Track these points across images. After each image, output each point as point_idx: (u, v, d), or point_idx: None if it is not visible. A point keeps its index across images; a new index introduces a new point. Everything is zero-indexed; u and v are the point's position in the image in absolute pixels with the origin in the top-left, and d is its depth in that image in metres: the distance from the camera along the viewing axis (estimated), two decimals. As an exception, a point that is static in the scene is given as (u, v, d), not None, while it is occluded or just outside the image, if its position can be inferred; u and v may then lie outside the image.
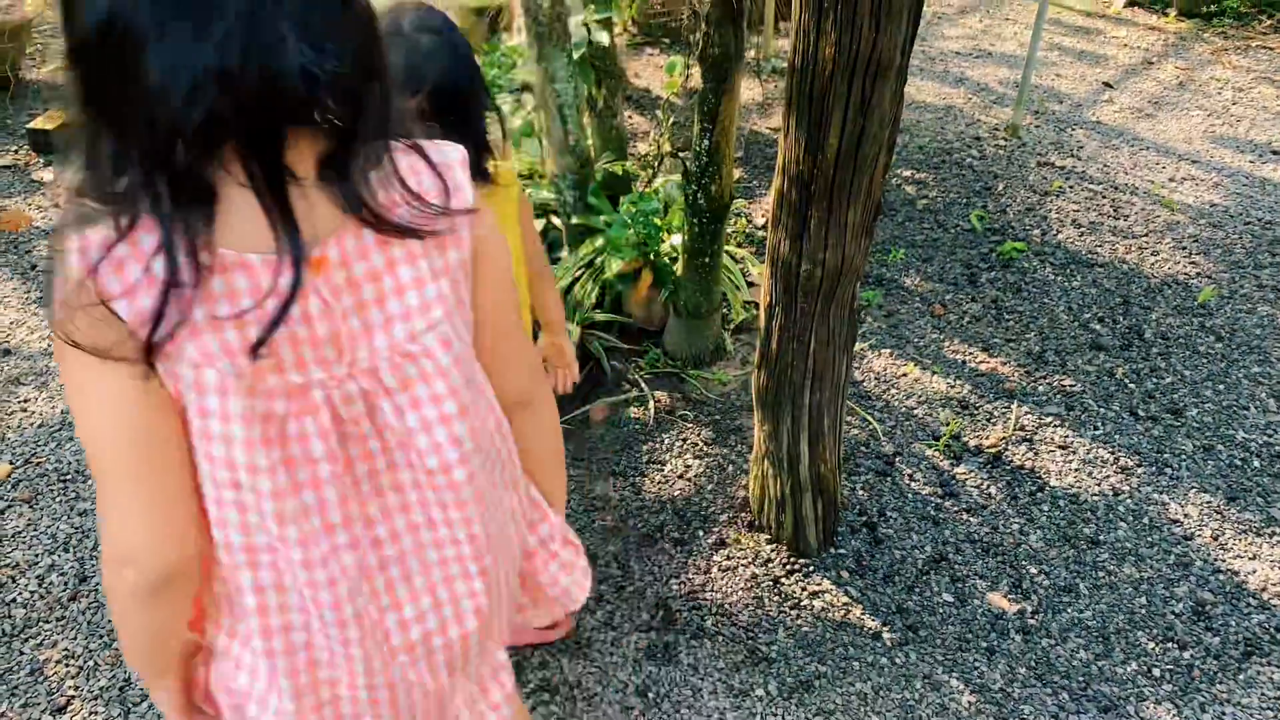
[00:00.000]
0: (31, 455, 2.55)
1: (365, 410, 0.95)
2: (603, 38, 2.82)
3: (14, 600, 2.17)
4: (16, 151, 3.92)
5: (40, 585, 2.21)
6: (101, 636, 2.10)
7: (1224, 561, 2.32)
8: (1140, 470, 2.57)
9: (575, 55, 2.82)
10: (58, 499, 2.42)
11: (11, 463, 2.53)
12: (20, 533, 2.33)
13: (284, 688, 1.03)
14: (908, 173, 3.98)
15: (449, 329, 0.96)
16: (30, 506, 2.40)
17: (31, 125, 3.90)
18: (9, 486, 2.47)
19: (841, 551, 2.32)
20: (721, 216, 2.62)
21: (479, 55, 4.73)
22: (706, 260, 2.69)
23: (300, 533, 0.95)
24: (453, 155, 0.97)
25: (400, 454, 0.99)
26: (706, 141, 2.46)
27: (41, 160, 3.86)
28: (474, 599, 1.08)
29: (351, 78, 0.82)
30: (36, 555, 2.28)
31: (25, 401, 2.72)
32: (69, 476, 2.49)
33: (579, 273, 2.90)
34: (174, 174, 0.79)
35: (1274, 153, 4.17)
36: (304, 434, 0.92)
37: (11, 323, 3.01)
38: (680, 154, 2.53)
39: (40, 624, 2.13)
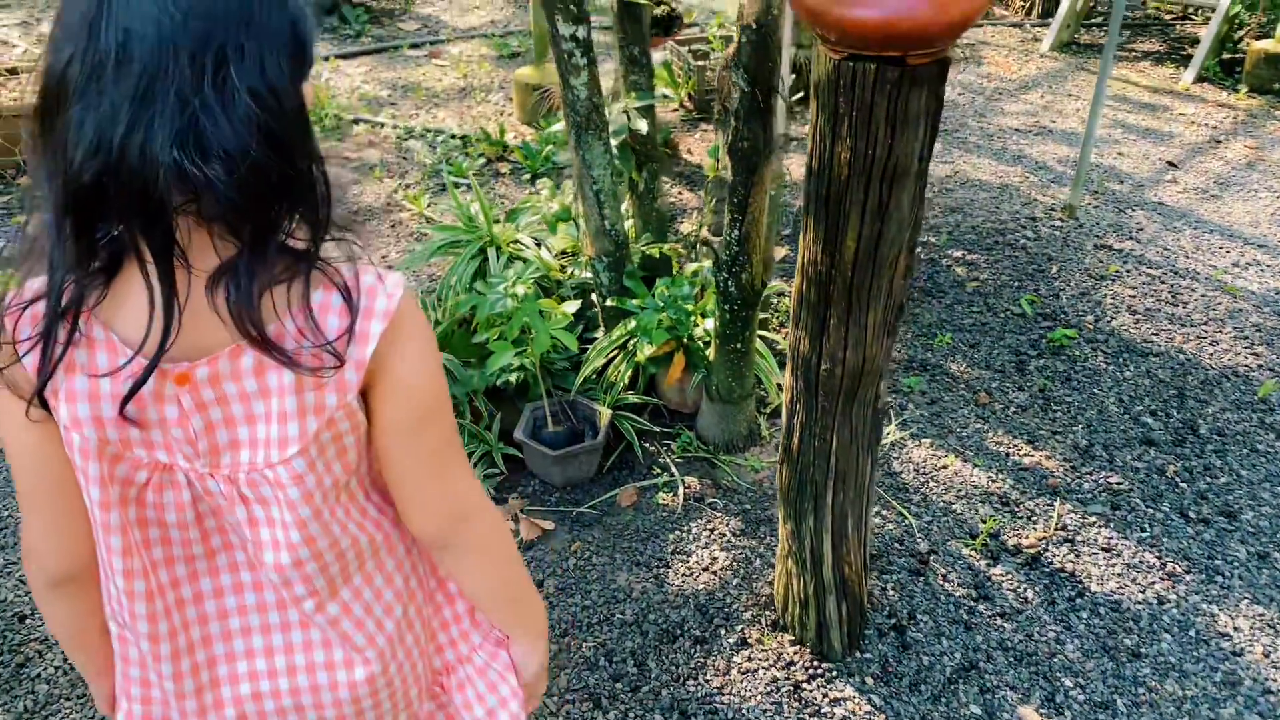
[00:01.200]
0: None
1: (226, 505, 0.99)
2: (641, 125, 2.84)
3: (38, 676, 2.21)
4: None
5: (64, 661, 2.24)
6: (119, 716, 2.11)
7: (1275, 681, 2.19)
8: (1189, 577, 2.45)
9: (615, 141, 2.85)
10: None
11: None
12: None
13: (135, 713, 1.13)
14: (959, 253, 3.93)
15: (304, 465, 0.95)
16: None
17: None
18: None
19: (867, 656, 2.25)
20: (753, 304, 2.60)
21: (535, 131, 4.84)
22: (739, 347, 2.67)
23: (146, 587, 1.01)
24: (380, 303, 0.94)
25: (248, 552, 1.03)
26: (736, 231, 2.45)
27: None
28: (304, 693, 1.09)
29: (248, 194, 0.82)
30: (65, 629, 2.32)
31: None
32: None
33: (613, 354, 2.90)
34: (80, 237, 0.84)
35: (1346, 237, 4.02)
36: (160, 503, 0.98)
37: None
38: (711, 242, 2.53)
39: (61, 700, 2.15)
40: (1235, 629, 2.32)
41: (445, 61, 6.14)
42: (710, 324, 2.82)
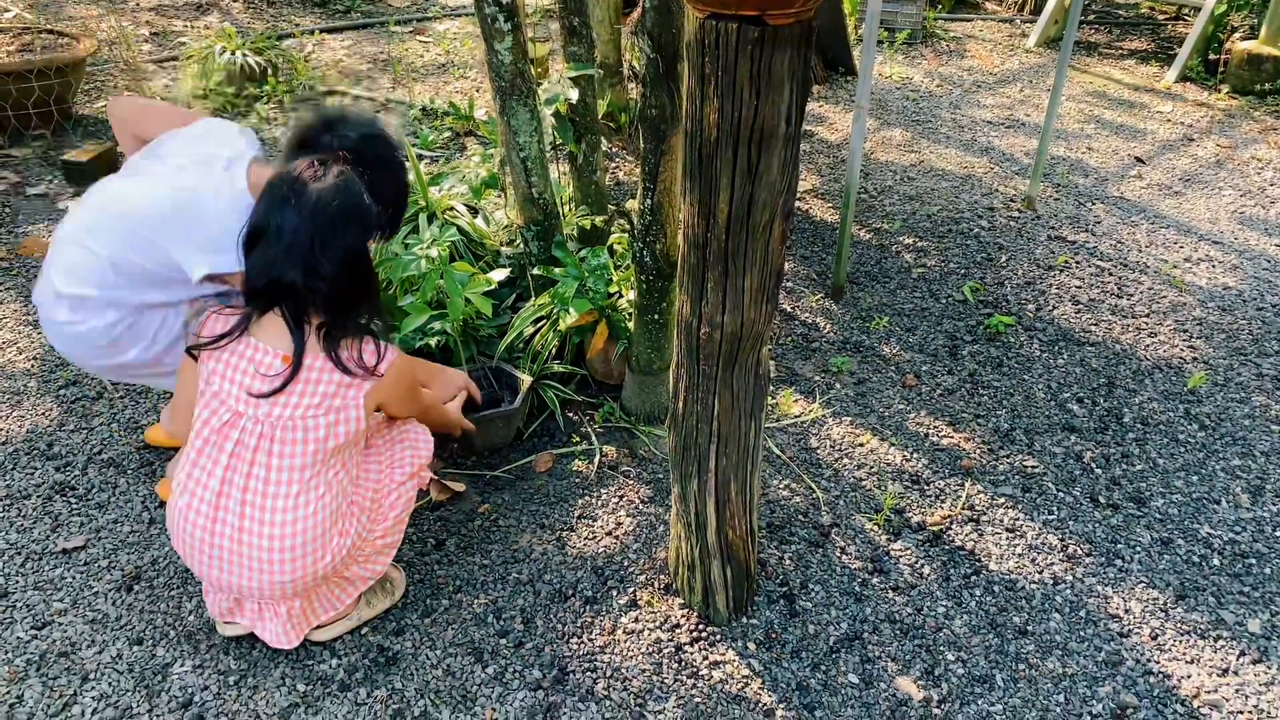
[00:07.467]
0: (-8, 470, 2.65)
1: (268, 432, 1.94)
2: (573, 94, 2.85)
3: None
4: (50, 181, 4.13)
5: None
6: None
7: (1158, 663, 2.19)
8: (1088, 560, 2.46)
9: (548, 110, 2.87)
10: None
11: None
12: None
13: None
14: (910, 240, 3.93)
15: (322, 417, 1.92)
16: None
17: (66, 158, 4.10)
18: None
19: (754, 622, 2.26)
20: (669, 275, 2.61)
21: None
22: (657, 318, 2.69)
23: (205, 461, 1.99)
24: (389, 355, 1.98)
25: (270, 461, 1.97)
26: (649, 201, 2.46)
27: (71, 191, 4.05)
28: None
29: (335, 298, 1.88)
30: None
31: None
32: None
33: (541, 323, 2.92)
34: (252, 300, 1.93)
35: (1303, 237, 4.00)
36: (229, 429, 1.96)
37: (3, 342, 3.15)
38: (629, 212, 2.54)
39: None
40: (1126, 611, 2.32)
41: (429, 38, 6.16)
42: (634, 294, 2.83)
